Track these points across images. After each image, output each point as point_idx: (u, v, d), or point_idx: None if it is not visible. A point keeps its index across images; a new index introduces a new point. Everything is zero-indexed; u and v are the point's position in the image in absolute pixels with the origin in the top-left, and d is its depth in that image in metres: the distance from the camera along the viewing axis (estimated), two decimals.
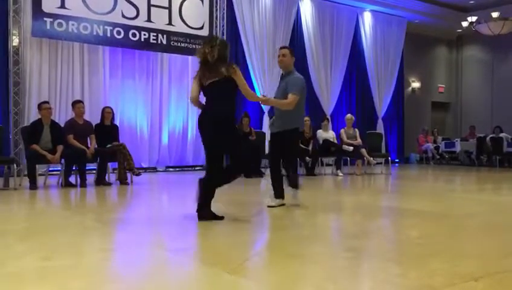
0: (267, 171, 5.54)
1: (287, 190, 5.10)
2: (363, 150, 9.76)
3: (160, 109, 10.54)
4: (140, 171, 7.86)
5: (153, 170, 10.27)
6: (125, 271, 2.82)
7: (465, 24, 13.04)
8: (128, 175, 7.44)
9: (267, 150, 9.56)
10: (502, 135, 12.85)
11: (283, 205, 5.04)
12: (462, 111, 16.96)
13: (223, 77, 4.15)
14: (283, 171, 5.20)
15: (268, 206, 5.00)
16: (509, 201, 6.17)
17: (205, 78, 4.21)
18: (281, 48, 5.34)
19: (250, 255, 3.16)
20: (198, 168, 10.89)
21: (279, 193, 5.08)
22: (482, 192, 7.28)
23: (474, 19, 12.80)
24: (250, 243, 3.38)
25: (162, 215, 4.92)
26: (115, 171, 7.61)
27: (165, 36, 10.17)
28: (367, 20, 13.75)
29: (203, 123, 4.32)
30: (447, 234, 3.86)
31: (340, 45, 13.05)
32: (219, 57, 4.19)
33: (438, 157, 14.07)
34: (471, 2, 13.82)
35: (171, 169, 10.58)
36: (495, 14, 12.25)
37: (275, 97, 5.28)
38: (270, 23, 11.63)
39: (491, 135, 13.05)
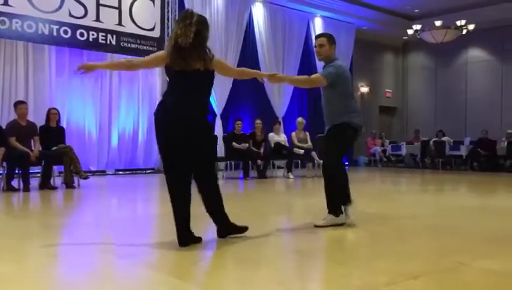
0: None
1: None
2: (314, 153, 9.94)
3: (109, 110, 10.29)
4: (89, 174, 7.65)
5: (102, 173, 10.03)
6: (70, 277, 2.75)
7: (410, 32, 13.54)
8: (75, 179, 7.23)
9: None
10: (444, 138, 13.43)
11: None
12: (407, 115, 17.60)
13: (200, 70, 3.28)
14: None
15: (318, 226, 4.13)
16: (450, 202, 6.45)
17: (176, 65, 3.28)
18: (317, 36, 4.22)
19: (198, 259, 3.16)
20: (149, 171, 10.74)
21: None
22: (425, 193, 7.57)
23: (418, 27, 13.32)
24: (198, 247, 3.37)
25: (109, 220, 4.82)
26: (61, 175, 7.38)
27: (114, 37, 9.97)
28: (318, 25, 14.01)
29: (159, 122, 3.33)
30: (392, 234, 3.99)
31: (291, 49, 13.24)
32: (195, 41, 3.22)
33: (385, 160, 14.53)
34: (416, 10, 14.39)
35: (120, 172, 10.36)
36: (438, 23, 12.82)
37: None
38: (222, 26, 11.64)
39: (434, 139, 13.59)
